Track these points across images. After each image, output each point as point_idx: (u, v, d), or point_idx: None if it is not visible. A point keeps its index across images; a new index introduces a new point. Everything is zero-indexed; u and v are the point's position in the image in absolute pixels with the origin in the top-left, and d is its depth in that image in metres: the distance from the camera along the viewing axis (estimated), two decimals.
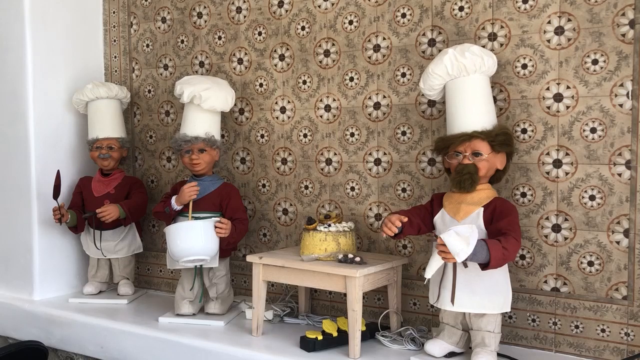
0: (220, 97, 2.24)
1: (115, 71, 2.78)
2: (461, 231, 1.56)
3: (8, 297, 2.59)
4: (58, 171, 2.41)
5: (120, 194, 2.52)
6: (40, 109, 2.56)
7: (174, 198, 2.20)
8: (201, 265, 2.19)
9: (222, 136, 2.48)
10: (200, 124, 2.23)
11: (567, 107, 1.82)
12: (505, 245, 1.61)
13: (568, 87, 1.82)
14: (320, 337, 1.90)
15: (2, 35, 2.58)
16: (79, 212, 2.50)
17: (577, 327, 1.83)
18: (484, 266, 1.61)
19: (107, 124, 2.53)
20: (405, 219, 1.76)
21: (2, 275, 2.67)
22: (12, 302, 2.55)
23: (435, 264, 1.65)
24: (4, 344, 2.48)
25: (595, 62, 1.78)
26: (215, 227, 2.12)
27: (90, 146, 2.53)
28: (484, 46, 1.91)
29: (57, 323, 2.38)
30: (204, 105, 2.20)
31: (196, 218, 2.18)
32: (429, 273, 1.67)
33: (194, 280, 2.23)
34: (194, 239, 2.07)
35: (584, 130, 1.80)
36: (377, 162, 2.15)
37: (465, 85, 1.78)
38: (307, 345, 1.89)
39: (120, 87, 2.59)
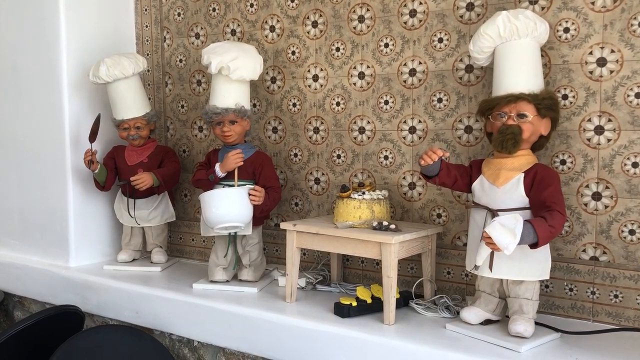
0: (248, 65, 2.20)
1: (147, 40, 2.78)
2: (506, 222, 1.55)
3: (45, 263, 2.65)
4: (99, 114, 2.42)
5: (153, 162, 2.54)
6: (74, 78, 2.58)
7: (217, 165, 2.20)
8: (235, 233, 2.21)
9: (254, 105, 2.47)
10: (230, 94, 2.20)
11: (611, 72, 1.77)
12: (552, 222, 1.59)
13: (612, 51, 1.76)
14: (354, 304, 1.90)
15: (37, 6, 2.59)
16: (110, 171, 2.53)
17: (616, 296, 1.80)
18: (533, 245, 1.59)
19: (130, 104, 2.49)
20: (447, 153, 1.81)
21: (39, 242, 2.73)
22: (49, 268, 2.60)
23: (484, 252, 1.65)
24: (42, 309, 2.54)
25: None
26: (250, 194, 2.12)
27: (117, 126, 2.53)
28: (525, 9, 1.86)
29: (93, 289, 2.43)
30: (233, 76, 2.17)
31: (230, 186, 2.19)
32: (479, 260, 1.67)
33: (228, 247, 2.25)
34: (229, 206, 2.08)
35: (628, 96, 1.75)
36: (412, 130, 2.12)
37: (515, 48, 1.74)
38: (342, 311, 1.90)
39: (135, 61, 2.48)
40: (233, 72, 2.16)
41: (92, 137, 2.41)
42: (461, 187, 1.85)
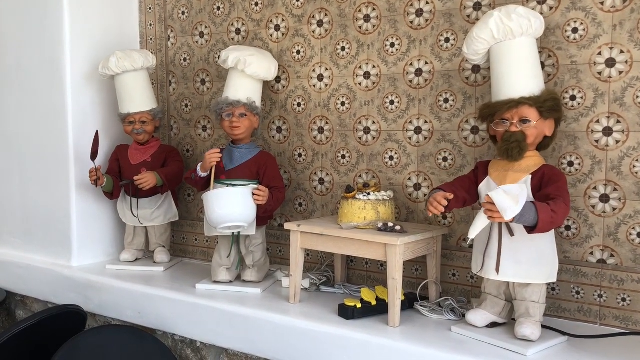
0: (263, 64, 2.25)
1: (151, 39, 2.77)
2: (510, 190, 1.52)
3: (47, 262, 2.63)
4: (97, 132, 2.42)
5: (156, 161, 2.53)
6: (78, 77, 2.57)
7: (199, 165, 2.22)
8: (238, 233, 2.19)
9: None
10: (243, 89, 2.23)
11: (620, 73, 1.75)
12: (555, 208, 1.57)
13: (622, 52, 1.74)
14: (359, 305, 1.88)
15: (41, 4, 2.58)
16: (115, 178, 2.51)
17: (624, 299, 1.78)
18: (531, 229, 1.56)
19: (137, 98, 2.50)
20: (451, 196, 1.71)
21: (41, 241, 2.71)
22: (51, 267, 2.59)
23: (480, 223, 1.60)
24: (44, 309, 2.53)
25: None
26: (253, 194, 2.11)
27: (123, 120, 2.52)
28: (532, 9, 1.84)
29: (95, 288, 2.41)
30: (248, 71, 2.20)
31: (233, 186, 2.17)
32: (472, 233, 1.62)
33: (231, 247, 2.23)
34: (232, 206, 2.07)
35: (637, 97, 1.73)
36: (418, 130, 2.11)
37: (511, 49, 1.72)
38: (346, 313, 1.88)
39: (145, 56, 2.51)
40: (248, 67, 2.20)
41: (94, 155, 2.39)
42: (472, 202, 1.83)
